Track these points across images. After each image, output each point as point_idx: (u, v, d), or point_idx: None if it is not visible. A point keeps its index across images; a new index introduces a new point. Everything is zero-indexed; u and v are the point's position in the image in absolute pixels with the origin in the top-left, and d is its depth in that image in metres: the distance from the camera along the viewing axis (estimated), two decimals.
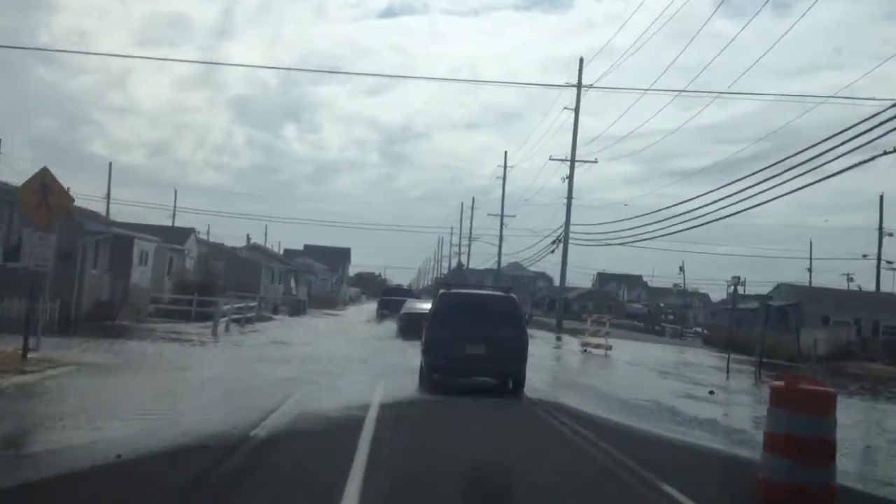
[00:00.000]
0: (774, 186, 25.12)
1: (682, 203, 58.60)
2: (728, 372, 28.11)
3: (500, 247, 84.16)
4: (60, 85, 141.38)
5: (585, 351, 33.20)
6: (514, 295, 17.35)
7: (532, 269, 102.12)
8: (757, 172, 26.48)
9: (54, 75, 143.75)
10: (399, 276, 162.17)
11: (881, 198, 57.13)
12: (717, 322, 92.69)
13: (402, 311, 35.19)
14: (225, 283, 55.54)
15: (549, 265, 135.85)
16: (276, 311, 48.78)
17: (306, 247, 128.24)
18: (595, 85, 53.97)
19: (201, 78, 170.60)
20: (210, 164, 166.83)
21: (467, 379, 16.30)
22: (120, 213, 64.61)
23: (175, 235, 41.11)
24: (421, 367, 16.35)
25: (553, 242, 59.58)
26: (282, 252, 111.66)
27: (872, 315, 44.51)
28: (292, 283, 70.15)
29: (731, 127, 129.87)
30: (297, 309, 52.54)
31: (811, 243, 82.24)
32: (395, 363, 20.98)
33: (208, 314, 33.10)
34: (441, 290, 17.35)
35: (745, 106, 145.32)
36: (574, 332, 52.46)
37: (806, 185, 24.98)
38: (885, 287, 53.87)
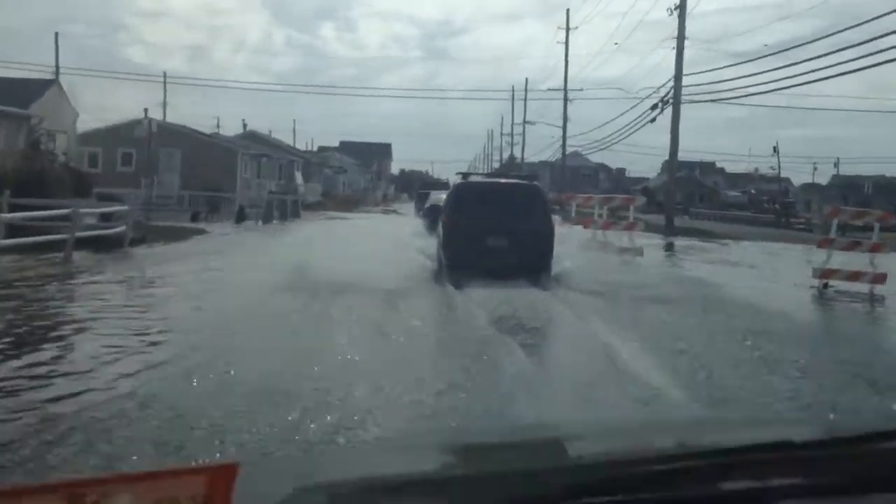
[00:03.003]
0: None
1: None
2: None
3: (564, 127, 64.17)
4: None
5: (826, 288, 14.21)
6: (537, 183, 15.67)
7: (593, 158, 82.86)
8: None
9: None
10: (449, 173, 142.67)
11: None
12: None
13: (427, 205, 27.75)
14: (186, 176, 38.04)
15: (611, 154, 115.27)
16: (242, 215, 30.45)
17: (342, 143, 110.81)
18: None
19: None
20: (251, 67, 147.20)
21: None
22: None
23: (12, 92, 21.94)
24: (440, 264, 14.34)
25: (653, 107, 39.86)
26: (315, 149, 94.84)
27: None
28: (298, 180, 51.67)
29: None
30: (283, 213, 34.11)
31: None
32: None
33: (51, 229, 15.31)
34: (458, 181, 15.97)
35: None
36: (695, 234, 33.54)
37: None
38: None
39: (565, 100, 63.80)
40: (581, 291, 12.59)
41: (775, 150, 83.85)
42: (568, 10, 66.75)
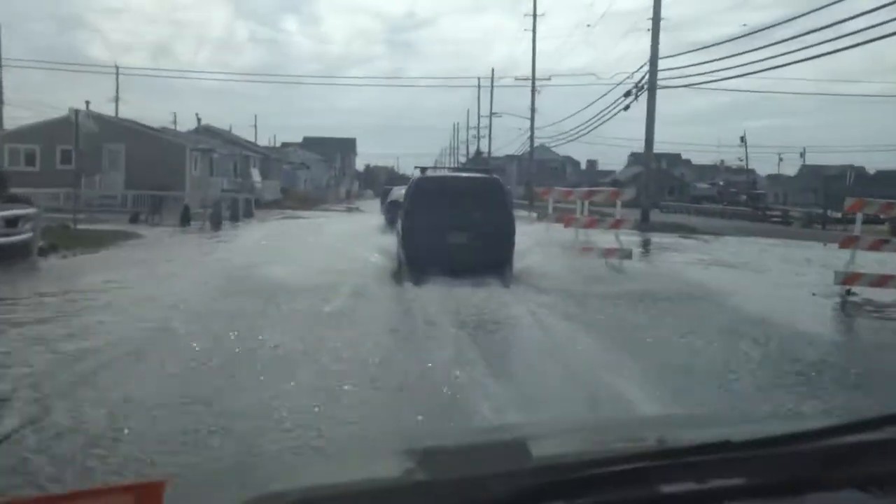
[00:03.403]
0: None
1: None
2: None
3: (532, 118, 62.09)
4: None
5: (849, 295, 12.19)
6: (497, 177, 15.08)
7: (559, 151, 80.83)
8: None
9: None
10: (413, 168, 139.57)
11: None
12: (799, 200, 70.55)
13: (388, 200, 26.38)
14: (133, 174, 35.36)
15: (574, 148, 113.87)
16: (186, 216, 27.78)
17: (305, 139, 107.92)
18: None
19: None
20: (214, 64, 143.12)
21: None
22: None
23: None
24: (399, 263, 13.38)
25: (627, 94, 37.92)
26: (279, 145, 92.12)
27: None
28: (256, 177, 49.00)
29: None
30: (234, 212, 31.53)
31: None
32: None
33: None
34: (416, 175, 15.14)
35: None
36: (674, 230, 31.67)
37: None
38: None
39: (532, 89, 61.76)
40: (575, 302, 10.57)
41: (742, 140, 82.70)
42: None
